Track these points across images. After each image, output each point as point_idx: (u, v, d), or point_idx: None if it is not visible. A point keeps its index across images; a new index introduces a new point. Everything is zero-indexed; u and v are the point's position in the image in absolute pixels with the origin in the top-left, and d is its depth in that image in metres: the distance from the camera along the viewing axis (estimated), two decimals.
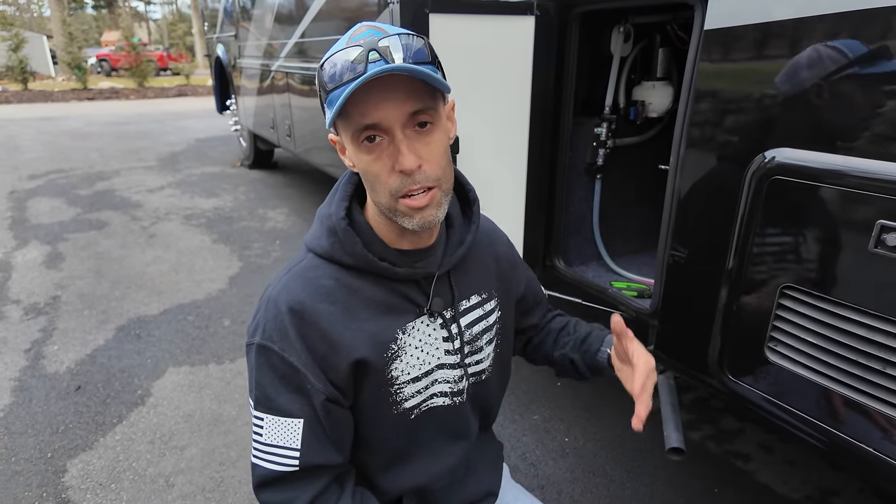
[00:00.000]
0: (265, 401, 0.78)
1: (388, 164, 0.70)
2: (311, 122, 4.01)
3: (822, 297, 1.10)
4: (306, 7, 3.51)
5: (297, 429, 0.77)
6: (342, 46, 0.69)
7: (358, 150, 0.71)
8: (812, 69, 1.07)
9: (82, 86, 16.41)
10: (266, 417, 0.78)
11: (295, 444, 0.77)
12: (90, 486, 1.82)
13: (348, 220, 0.79)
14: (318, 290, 0.77)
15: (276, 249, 3.96)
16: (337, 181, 0.84)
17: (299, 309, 0.76)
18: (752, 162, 1.18)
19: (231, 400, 2.26)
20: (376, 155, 0.70)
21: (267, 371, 0.77)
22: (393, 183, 0.70)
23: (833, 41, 1.04)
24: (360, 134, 0.69)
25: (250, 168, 6.44)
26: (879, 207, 0.98)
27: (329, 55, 0.69)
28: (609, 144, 2.05)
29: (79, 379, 2.40)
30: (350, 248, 0.77)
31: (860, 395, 1.07)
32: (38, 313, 2.99)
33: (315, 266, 0.80)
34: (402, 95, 0.67)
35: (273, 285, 0.81)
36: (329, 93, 0.69)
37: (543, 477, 1.88)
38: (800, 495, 1.79)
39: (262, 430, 0.78)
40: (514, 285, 1.00)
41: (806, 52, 1.08)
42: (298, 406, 0.77)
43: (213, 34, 6.61)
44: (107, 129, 9.32)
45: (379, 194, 0.73)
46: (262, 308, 0.80)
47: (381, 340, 0.79)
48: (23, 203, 5.03)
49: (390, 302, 0.81)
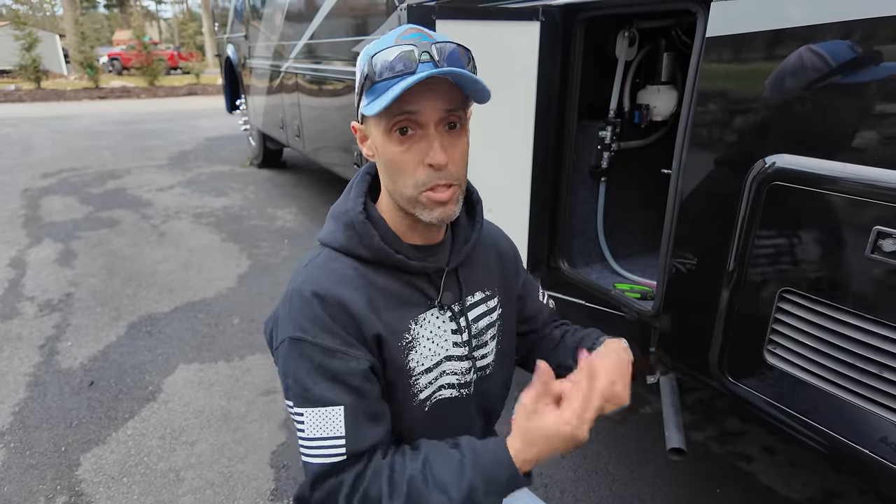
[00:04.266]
0: (302, 393, 0.77)
1: (416, 157, 0.75)
2: (319, 122, 4.05)
3: (820, 301, 1.12)
4: (316, 8, 3.54)
5: (339, 416, 0.76)
6: (390, 44, 0.73)
7: (388, 140, 0.75)
8: (811, 77, 1.09)
9: (94, 85, 16.58)
10: (306, 412, 0.77)
11: (339, 432, 0.76)
12: (102, 480, 1.87)
13: (365, 214, 0.82)
14: (341, 277, 0.80)
15: (284, 248, 4.00)
16: (350, 180, 0.88)
17: (325, 294, 0.78)
18: (753, 167, 1.20)
19: (240, 397, 2.30)
20: (407, 146, 0.75)
21: (301, 363, 0.77)
22: (420, 175, 0.75)
23: (832, 49, 1.05)
24: (396, 123, 0.73)
25: (259, 167, 6.49)
26: (876, 214, 1.00)
27: (378, 49, 0.74)
28: (614, 148, 2.06)
29: (92, 375, 2.45)
30: (367, 240, 0.80)
31: (857, 398, 1.09)
32: (51, 310, 3.05)
33: (333, 258, 0.83)
34: (442, 95, 0.73)
35: (293, 281, 0.83)
36: (375, 83, 0.73)
37: (546, 476, 1.90)
38: (801, 497, 1.80)
39: (304, 426, 0.78)
40: (514, 285, 1.02)
41: (806, 59, 1.09)
42: (336, 393, 0.76)
43: (223, 34, 6.66)
44: (118, 128, 9.42)
45: (402, 185, 0.77)
46: (283, 305, 0.81)
47: (397, 330, 0.82)
48: (36, 201, 5.11)
49: (404, 293, 0.84)
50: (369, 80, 0.74)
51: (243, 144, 7.30)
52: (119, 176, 6.09)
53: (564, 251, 2.13)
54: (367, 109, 0.75)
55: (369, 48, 0.76)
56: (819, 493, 1.82)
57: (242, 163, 6.78)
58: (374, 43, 0.76)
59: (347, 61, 3.18)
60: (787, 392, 1.22)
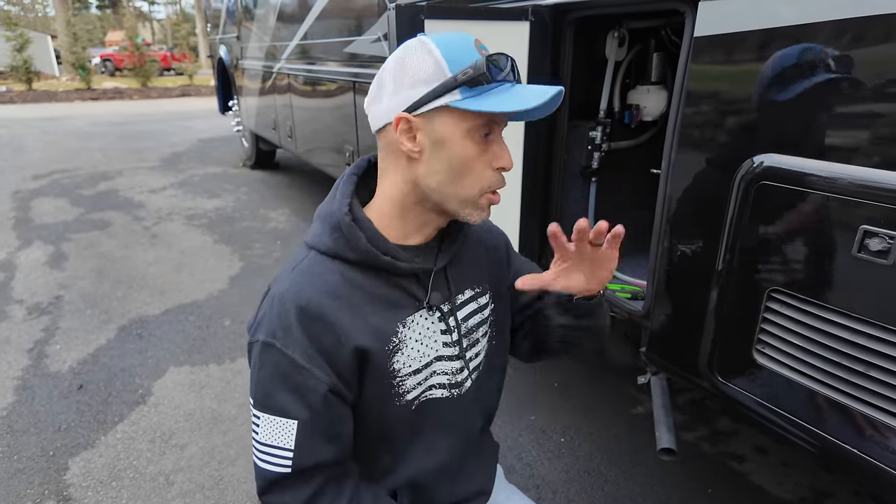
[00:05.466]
0: (263, 399, 0.79)
1: (489, 160, 0.78)
2: (312, 123, 4.03)
3: (807, 301, 1.12)
4: (308, 9, 3.53)
5: (291, 430, 0.78)
6: (469, 46, 0.74)
7: (468, 140, 0.75)
8: (799, 76, 1.09)
9: (86, 86, 16.50)
10: (263, 416, 0.79)
11: (289, 444, 0.78)
12: (91, 484, 1.85)
13: (351, 216, 0.81)
14: (324, 285, 0.79)
15: (277, 250, 3.99)
16: (336, 181, 0.87)
17: (305, 304, 0.77)
18: (741, 167, 1.20)
19: (231, 399, 2.29)
20: (484, 149, 0.77)
21: (268, 368, 0.78)
22: (489, 178, 0.78)
23: (819, 50, 1.05)
24: (486, 125, 0.75)
25: (252, 168, 6.47)
26: (863, 213, 1.00)
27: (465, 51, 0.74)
28: (604, 148, 2.06)
29: (81, 378, 2.43)
30: (354, 243, 0.79)
31: (844, 397, 1.09)
32: (41, 313, 3.03)
33: (319, 262, 0.81)
34: None
35: (276, 283, 0.82)
36: (489, 83, 0.72)
37: (539, 477, 1.89)
38: (793, 496, 1.81)
39: (258, 429, 0.80)
40: (505, 275, 1.00)
41: (793, 59, 1.10)
42: (295, 407, 0.78)
43: (215, 35, 6.65)
44: (110, 130, 9.37)
45: (465, 186, 0.77)
46: (265, 306, 0.81)
47: (384, 334, 0.81)
48: (27, 203, 5.08)
49: (391, 296, 0.83)
50: (484, 77, 0.72)
51: (236, 146, 7.28)
52: (111, 177, 6.06)
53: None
54: (470, 104, 0.72)
55: (452, 44, 0.74)
56: (811, 492, 1.82)
57: (235, 164, 6.76)
58: (453, 40, 0.74)
59: (339, 62, 3.17)
60: (776, 392, 1.22)
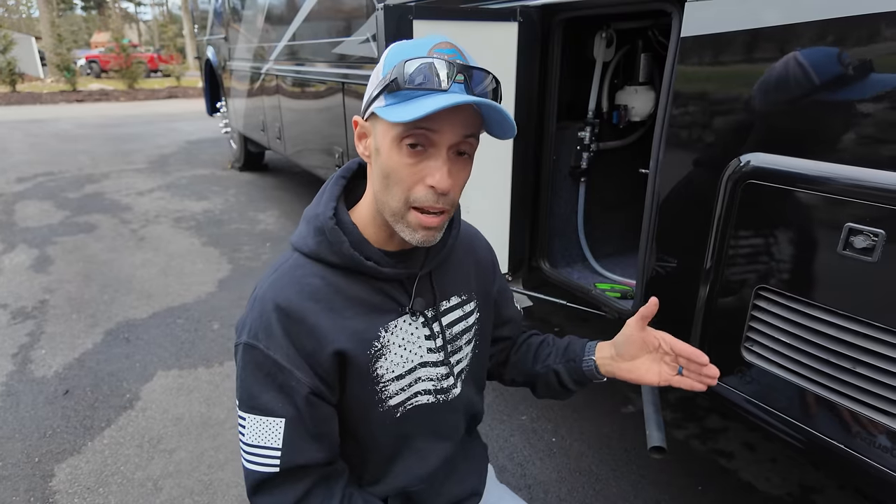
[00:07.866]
0: (248, 399, 0.79)
1: (419, 175, 0.72)
2: (300, 125, 4.02)
3: (794, 298, 1.13)
4: (296, 10, 3.52)
5: (278, 429, 0.78)
6: (424, 53, 0.70)
7: (396, 149, 0.72)
8: (785, 77, 1.10)
9: (71, 87, 16.31)
10: (248, 417, 0.79)
11: (276, 443, 0.78)
12: (78, 491, 1.82)
13: (336, 220, 0.80)
14: (305, 287, 0.79)
15: (266, 252, 3.96)
16: (324, 183, 0.86)
17: (286, 306, 0.77)
18: (728, 166, 1.21)
19: (220, 403, 2.27)
20: (414, 161, 0.71)
21: (252, 370, 0.78)
22: (418, 193, 0.72)
23: (805, 50, 1.07)
24: (410, 136, 0.70)
25: (241, 170, 6.43)
26: (847, 211, 1.01)
27: (412, 55, 0.70)
28: (593, 148, 2.07)
29: (67, 383, 2.39)
30: (337, 247, 0.79)
31: (831, 393, 1.10)
32: (25, 317, 2.98)
33: (301, 265, 0.81)
34: (463, 120, 0.71)
35: (260, 285, 0.82)
36: (402, 89, 0.69)
37: (531, 477, 1.90)
38: (781, 492, 1.82)
39: (245, 431, 0.79)
40: (491, 289, 1.02)
41: (780, 60, 1.11)
42: (280, 405, 0.77)
43: (202, 36, 6.60)
44: (96, 132, 9.27)
45: (393, 196, 0.74)
46: (249, 308, 0.81)
47: (365, 338, 0.81)
48: (10, 206, 5.00)
49: (374, 301, 0.82)
50: (396, 84, 0.69)
51: (224, 147, 7.23)
52: (97, 180, 5.99)
53: (545, 251, 2.13)
54: (385, 112, 0.70)
55: (399, 49, 0.72)
56: (798, 488, 1.84)
57: (223, 166, 6.71)
58: (405, 45, 0.73)
59: (328, 63, 3.16)
60: (764, 389, 1.23)
